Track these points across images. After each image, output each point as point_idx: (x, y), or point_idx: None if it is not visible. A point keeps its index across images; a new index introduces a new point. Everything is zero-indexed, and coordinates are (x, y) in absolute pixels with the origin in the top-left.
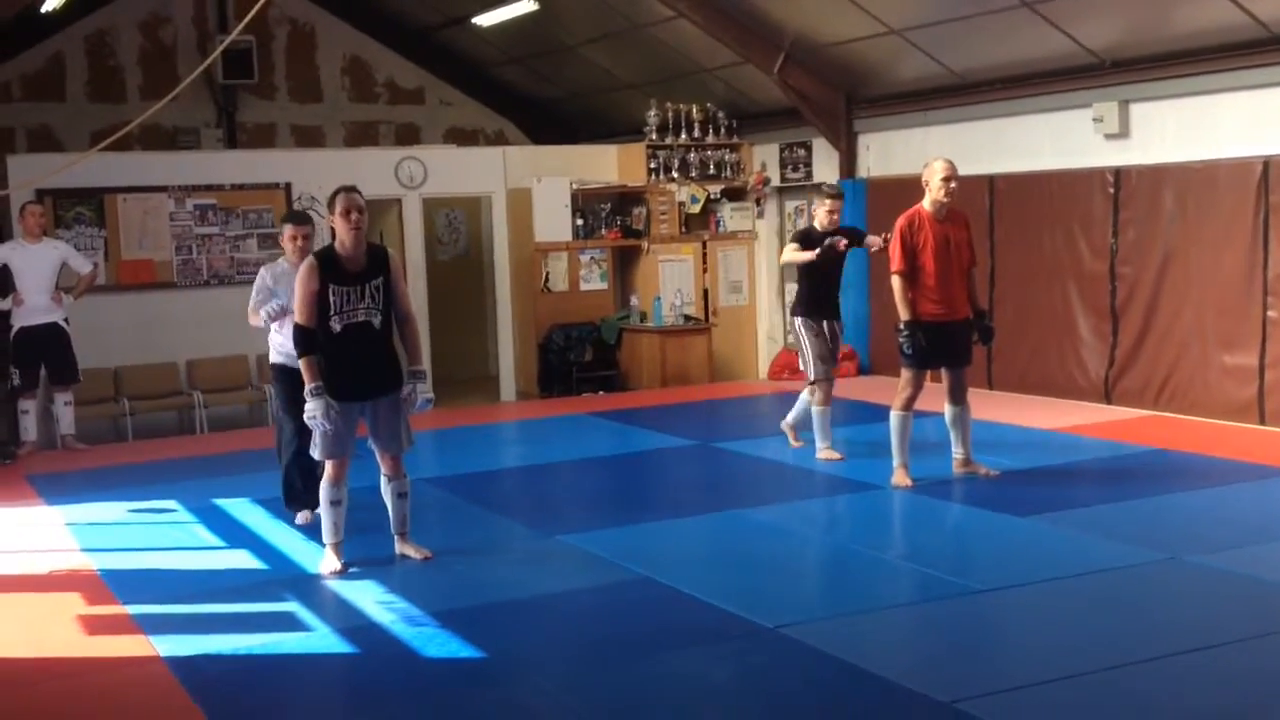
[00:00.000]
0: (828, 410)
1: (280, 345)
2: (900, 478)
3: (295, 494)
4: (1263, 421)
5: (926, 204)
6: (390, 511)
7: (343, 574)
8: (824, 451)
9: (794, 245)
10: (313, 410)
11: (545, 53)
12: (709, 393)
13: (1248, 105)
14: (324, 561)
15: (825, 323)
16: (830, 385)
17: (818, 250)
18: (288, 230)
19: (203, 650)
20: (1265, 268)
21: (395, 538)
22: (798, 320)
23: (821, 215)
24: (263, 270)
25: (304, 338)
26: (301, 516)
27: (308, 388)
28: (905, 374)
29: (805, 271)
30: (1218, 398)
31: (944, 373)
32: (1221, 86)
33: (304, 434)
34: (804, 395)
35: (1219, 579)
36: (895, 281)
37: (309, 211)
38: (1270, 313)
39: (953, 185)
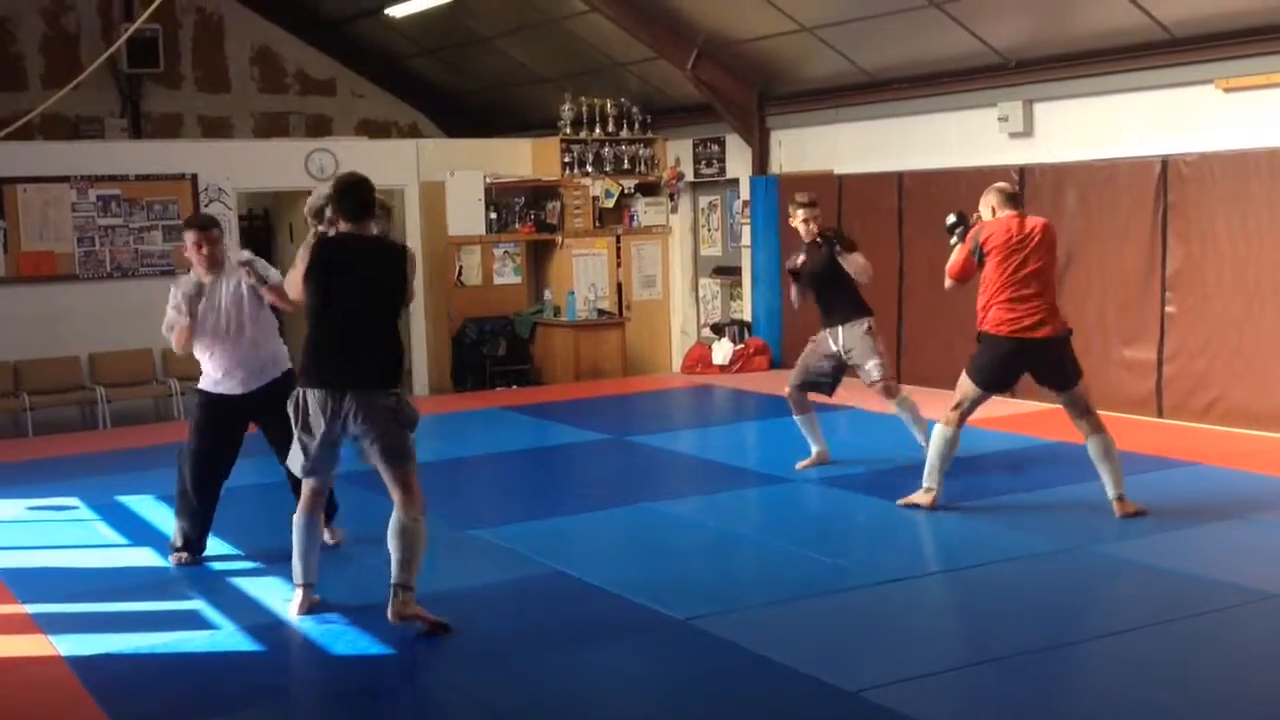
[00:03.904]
0: (808, 418)
1: (206, 370)
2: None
3: (191, 543)
4: (1161, 414)
5: None
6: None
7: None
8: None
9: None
10: None
11: (459, 45)
12: (622, 387)
13: (1148, 106)
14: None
15: (829, 330)
16: (799, 396)
17: (794, 289)
18: (190, 238)
19: (105, 650)
20: (1164, 264)
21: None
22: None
23: (799, 227)
24: (172, 286)
25: None
26: (179, 558)
27: None
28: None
29: (809, 270)
30: (1118, 391)
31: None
32: (1122, 87)
33: (207, 481)
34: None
35: (1120, 568)
36: None
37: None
38: (1169, 308)
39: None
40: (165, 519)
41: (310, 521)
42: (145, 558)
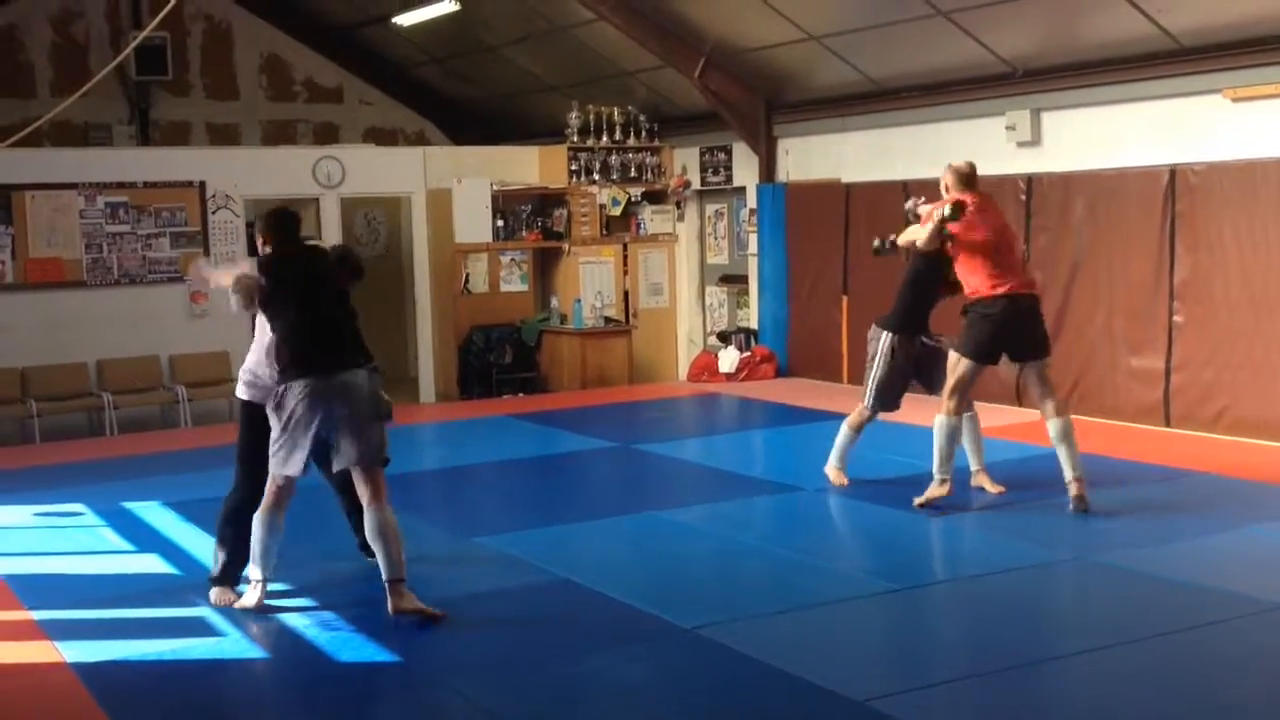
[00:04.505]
0: (856, 436)
1: (245, 375)
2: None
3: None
4: (1168, 424)
5: None
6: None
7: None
8: (835, 472)
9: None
10: None
11: (466, 53)
12: (629, 394)
13: (1155, 115)
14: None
15: (919, 339)
16: (873, 416)
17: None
18: None
19: (111, 656)
20: (1171, 273)
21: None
22: (885, 336)
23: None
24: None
25: None
26: (226, 597)
27: None
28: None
29: (915, 275)
30: (1125, 400)
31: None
32: (1130, 96)
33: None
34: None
35: (1125, 578)
36: None
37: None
38: (1176, 317)
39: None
40: (171, 525)
41: (273, 518)
42: (151, 564)
